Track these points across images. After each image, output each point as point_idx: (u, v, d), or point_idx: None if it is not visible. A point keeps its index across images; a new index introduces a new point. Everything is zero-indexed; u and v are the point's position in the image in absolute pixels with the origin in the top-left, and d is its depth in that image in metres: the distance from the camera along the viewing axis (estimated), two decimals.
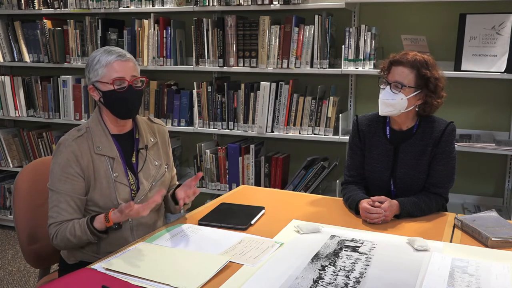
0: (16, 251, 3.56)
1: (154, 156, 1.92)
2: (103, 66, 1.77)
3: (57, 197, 1.75)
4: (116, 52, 1.79)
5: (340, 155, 3.19)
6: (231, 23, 3.09)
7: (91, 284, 1.37)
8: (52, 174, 1.77)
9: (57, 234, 1.73)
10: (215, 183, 3.30)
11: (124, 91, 1.77)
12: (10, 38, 3.77)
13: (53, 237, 1.74)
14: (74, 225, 1.72)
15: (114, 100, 1.78)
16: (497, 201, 2.98)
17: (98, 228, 1.70)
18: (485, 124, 2.96)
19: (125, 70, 1.78)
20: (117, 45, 3.41)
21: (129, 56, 1.81)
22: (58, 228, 1.73)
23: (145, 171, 1.87)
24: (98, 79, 1.78)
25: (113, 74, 1.76)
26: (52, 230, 1.74)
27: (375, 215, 1.86)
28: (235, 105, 3.18)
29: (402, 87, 1.95)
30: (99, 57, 1.78)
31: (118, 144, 1.85)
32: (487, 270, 1.47)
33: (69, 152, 1.75)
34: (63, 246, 1.76)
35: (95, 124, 1.84)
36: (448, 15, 2.90)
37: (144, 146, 1.90)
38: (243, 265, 1.51)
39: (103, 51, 1.80)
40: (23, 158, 3.90)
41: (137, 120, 1.93)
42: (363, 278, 1.43)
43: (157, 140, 1.96)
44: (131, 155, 1.88)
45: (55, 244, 1.76)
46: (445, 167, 2.01)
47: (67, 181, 1.74)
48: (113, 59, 1.76)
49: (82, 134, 1.80)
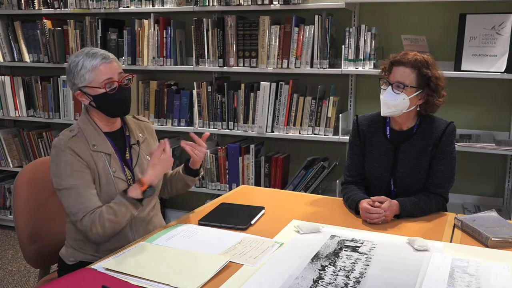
0: (16, 251, 3.56)
1: (145, 151, 1.95)
2: (89, 71, 1.76)
3: (75, 191, 1.71)
4: (99, 54, 1.77)
5: (340, 155, 3.19)
6: (231, 23, 3.09)
7: (91, 284, 1.37)
8: (59, 175, 1.73)
9: (95, 222, 1.68)
10: (215, 183, 3.30)
11: (116, 92, 1.78)
12: (10, 38, 3.77)
13: (91, 228, 1.68)
14: (109, 205, 1.71)
15: (106, 102, 1.79)
16: (497, 201, 2.98)
17: (135, 196, 1.72)
18: (485, 124, 2.96)
19: (112, 71, 1.78)
20: (117, 45, 3.42)
21: (112, 57, 1.81)
22: (92, 217, 1.69)
23: (140, 166, 1.90)
24: (86, 84, 1.77)
25: (101, 77, 1.76)
26: (86, 221, 1.69)
27: (375, 215, 1.86)
28: (235, 105, 3.18)
29: (404, 87, 1.94)
30: (83, 62, 1.76)
31: (112, 141, 1.86)
32: (487, 270, 1.47)
33: (70, 150, 1.75)
34: (102, 232, 1.70)
35: (86, 124, 1.83)
36: (448, 15, 2.90)
37: (136, 142, 1.92)
38: (243, 265, 1.51)
39: (85, 55, 1.77)
40: (23, 158, 3.90)
41: (125, 118, 1.95)
42: (363, 278, 1.43)
43: (146, 136, 1.98)
44: (124, 152, 1.89)
45: (95, 233, 1.69)
46: (445, 167, 2.01)
47: (79, 175, 1.73)
48: (99, 62, 1.76)
49: (75, 134, 1.80)
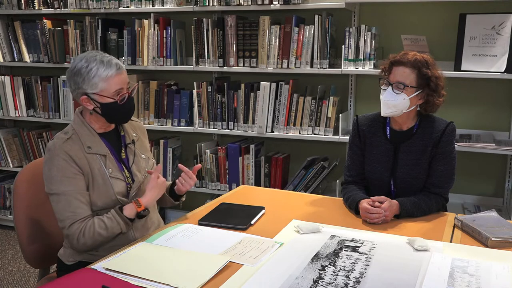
0: (16, 251, 3.56)
1: (140, 150, 1.96)
2: (103, 80, 1.74)
3: (65, 198, 1.72)
4: (114, 64, 1.76)
5: (340, 155, 3.19)
6: (231, 23, 3.09)
7: (91, 284, 1.37)
8: (50, 179, 1.74)
9: (84, 231, 1.69)
10: (215, 183, 3.30)
11: (125, 102, 1.80)
12: (10, 38, 3.77)
13: (79, 236, 1.69)
14: (102, 219, 1.72)
15: (114, 110, 1.80)
16: (497, 201, 2.98)
17: (129, 216, 1.74)
18: (485, 124, 2.96)
19: (123, 82, 1.80)
20: (117, 45, 3.42)
21: (123, 66, 1.82)
22: (83, 225, 1.69)
23: (137, 164, 1.91)
24: (97, 92, 1.76)
25: (114, 88, 1.77)
26: (75, 229, 1.69)
27: (375, 215, 1.86)
28: (235, 105, 3.18)
29: (404, 87, 1.95)
30: (97, 70, 1.73)
31: (107, 142, 1.86)
32: (487, 270, 1.47)
33: (64, 153, 1.74)
34: (90, 243, 1.71)
35: (80, 126, 1.83)
36: (448, 15, 2.90)
37: (131, 141, 1.93)
38: (243, 265, 1.51)
39: (100, 63, 1.74)
40: (23, 158, 3.89)
41: None
42: (363, 278, 1.43)
43: (139, 136, 2.00)
44: (120, 151, 1.90)
45: (82, 243, 1.70)
46: (445, 167, 2.01)
47: (71, 181, 1.73)
48: (114, 73, 1.75)
49: (70, 136, 1.79)
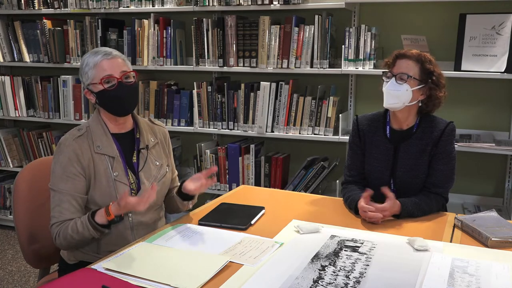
0: (16, 251, 3.56)
1: (155, 156, 1.92)
2: (91, 68, 1.78)
3: (59, 196, 1.75)
4: (102, 51, 1.80)
5: (340, 155, 3.19)
6: (231, 23, 3.09)
7: (91, 284, 1.37)
8: (53, 174, 1.77)
9: (60, 233, 1.73)
10: (215, 183, 3.30)
11: (114, 88, 1.78)
12: (10, 38, 3.77)
13: (56, 237, 1.74)
14: (75, 222, 1.72)
15: (107, 99, 1.80)
16: (497, 201, 2.98)
17: (100, 222, 1.70)
18: (485, 124, 2.96)
19: (113, 68, 1.78)
20: (117, 45, 3.42)
21: (116, 53, 1.81)
22: (60, 227, 1.73)
23: (146, 171, 1.88)
24: (90, 82, 1.80)
25: (101, 74, 1.77)
26: (54, 230, 1.74)
27: (371, 213, 1.85)
28: (235, 105, 3.18)
29: (408, 77, 1.96)
30: (87, 60, 1.80)
31: (118, 144, 1.85)
32: (487, 270, 1.47)
33: (70, 151, 1.76)
34: (65, 245, 1.76)
35: (95, 124, 1.84)
36: (448, 15, 2.90)
37: (145, 146, 1.90)
38: (243, 265, 1.51)
39: (90, 53, 1.82)
40: (23, 158, 3.90)
41: (138, 120, 1.94)
42: (363, 278, 1.43)
43: (158, 140, 1.97)
44: (132, 155, 1.88)
45: (58, 244, 1.76)
46: (445, 167, 2.02)
47: (69, 180, 1.75)
48: (100, 59, 1.77)
49: (82, 133, 1.81)
